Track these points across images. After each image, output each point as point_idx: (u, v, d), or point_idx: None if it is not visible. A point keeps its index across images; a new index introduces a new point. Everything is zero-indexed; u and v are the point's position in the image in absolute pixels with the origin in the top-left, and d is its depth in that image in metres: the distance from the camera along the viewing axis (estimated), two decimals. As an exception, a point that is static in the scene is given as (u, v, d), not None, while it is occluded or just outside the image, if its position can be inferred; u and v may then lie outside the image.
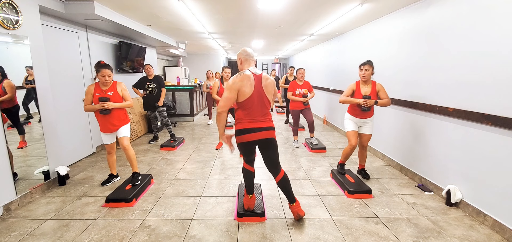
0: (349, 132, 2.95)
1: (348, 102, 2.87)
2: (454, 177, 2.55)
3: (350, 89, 2.91)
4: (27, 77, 2.72)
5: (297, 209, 2.21)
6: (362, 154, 3.08)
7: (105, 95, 2.68)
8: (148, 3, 3.40)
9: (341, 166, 3.13)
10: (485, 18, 2.20)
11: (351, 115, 2.97)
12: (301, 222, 2.25)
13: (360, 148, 3.07)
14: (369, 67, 2.81)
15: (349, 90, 2.91)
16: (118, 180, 3.11)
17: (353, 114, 2.94)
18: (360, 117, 2.91)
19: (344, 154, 3.03)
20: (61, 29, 3.54)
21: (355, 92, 2.89)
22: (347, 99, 2.86)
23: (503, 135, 2.05)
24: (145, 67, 4.54)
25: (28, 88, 2.74)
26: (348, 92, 2.91)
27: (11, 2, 2.46)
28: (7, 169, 2.44)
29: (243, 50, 2.20)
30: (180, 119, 6.98)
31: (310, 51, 8.46)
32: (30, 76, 2.72)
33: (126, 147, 2.78)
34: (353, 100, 2.82)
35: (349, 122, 2.99)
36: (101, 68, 2.64)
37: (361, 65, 2.87)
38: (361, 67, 2.85)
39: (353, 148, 2.91)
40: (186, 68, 9.98)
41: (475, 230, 2.13)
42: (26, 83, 2.72)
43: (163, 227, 2.17)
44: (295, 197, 2.23)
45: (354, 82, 2.97)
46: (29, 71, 2.71)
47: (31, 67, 2.72)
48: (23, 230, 2.14)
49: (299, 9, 3.70)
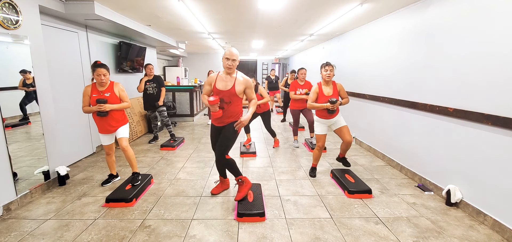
0: (319, 135, 3.07)
1: (315, 108, 2.93)
2: (454, 177, 2.55)
3: (314, 93, 2.95)
4: (24, 81, 2.67)
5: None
6: (347, 146, 3.07)
7: (102, 97, 2.63)
8: (148, 3, 3.40)
9: (313, 169, 3.28)
10: (485, 18, 2.20)
11: (320, 118, 3.03)
12: (301, 222, 2.25)
13: (344, 142, 3.04)
14: (332, 68, 2.90)
15: (314, 95, 2.95)
16: (118, 180, 3.11)
17: (322, 116, 3.00)
18: (328, 118, 2.97)
19: (315, 157, 3.22)
20: (61, 29, 3.54)
21: (319, 94, 2.94)
22: (314, 105, 2.92)
23: (503, 135, 2.05)
24: (147, 67, 4.54)
25: (27, 91, 2.71)
26: (313, 97, 2.95)
27: (11, 2, 2.46)
28: (7, 169, 2.44)
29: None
30: (180, 119, 6.99)
31: (310, 51, 8.46)
32: (28, 80, 2.68)
33: (125, 148, 2.76)
34: (321, 106, 2.88)
35: (318, 125, 3.08)
36: (96, 67, 2.60)
37: (325, 66, 2.92)
38: (326, 67, 2.90)
39: (321, 149, 3.12)
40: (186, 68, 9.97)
41: (475, 230, 2.13)
42: (24, 86, 2.68)
43: (163, 227, 2.17)
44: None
45: (316, 85, 2.99)
46: (25, 75, 2.66)
47: (26, 72, 2.66)
48: (23, 230, 2.14)
49: (299, 9, 3.70)
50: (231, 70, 2.38)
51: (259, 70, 13.61)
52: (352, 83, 4.84)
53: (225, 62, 2.35)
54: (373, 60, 4.15)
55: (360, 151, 4.34)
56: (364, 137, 4.51)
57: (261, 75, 13.62)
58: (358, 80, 4.68)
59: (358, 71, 4.68)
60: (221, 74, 2.44)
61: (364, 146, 4.46)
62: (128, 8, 3.62)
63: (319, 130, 3.07)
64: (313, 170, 3.28)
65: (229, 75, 2.41)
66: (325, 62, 2.95)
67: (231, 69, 2.37)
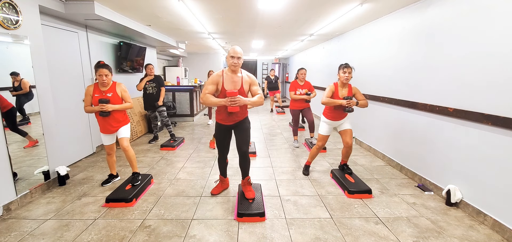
0: (322, 135, 3.05)
1: (331, 103, 2.82)
2: (454, 177, 2.55)
3: (330, 91, 2.86)
4: (14, 83, 2.62)
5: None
6: (347, 151, 3.02)
7: (104, 97, 2.64)
8: (148, 3, 3.40)
9: (306, 167, 3.28)
10: (485, 18, 2.20)
11: (327, 119, 2.97)
12: (301, 222, 2.25)
13: (345, 146, 3.01)
14: (351, 70, 2.80)
15: (329, 92, 2.86)
16: (118, 180, 3.11)
17: (330, 117, 2.94)
18: (336, 119, 2.94)
19: (311, 154, 3.20)
20: (61, 29, 3.54)
21: (334, 95, 2.86)
22: (330, 101, 2.81)
23: (503, 135, 2.05)
24: (148, 67, 4.54)
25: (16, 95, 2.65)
26: (329, 94, 2.85)
27: (11, 2, 2.46)
28: (7, 169, 2.44)
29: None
30: (180, 119, 6.98)
31: (310, 51, 8.46)
32: (16, 82, 2.63)
33: (126, 148, 2.76)
34: (337, 102, 2.78)
35: (324, 125, 3.03)
36: (98, 67, 2.60)
37: (344, 68, 2.80)
38: (345, 69, 2.79)
39: (319, 148, 3.13)
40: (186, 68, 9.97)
41: (475, 230, 2.13)
42: (12, 90, 2.61)
43: (163, 227, 2.17)
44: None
45: (332, 84, 2.91)
46: (16, 78, 2.61)
47: (17, 74, 2.62)
48: (23, 230, 2.14)
49: (299, 9, 3.70)
50: (237, 69, 2.34)
51: (259, 70, 13.60)
52: (352, 83, 4.82)
53: (231, 61, 2.30)
54: (373, 60, 4.15)
55: (360, 151, 4.34)
56: (364, 137, 4.51)
57: (261, 75, 13.61)
58: (358, 80, 4.66)
59: (358, 71, 4.66)
60: (226, 74, 2.37)
61: (364, 146, 4.46)
62: (128, 8, 3.62)
63: (323, 131, 3.03)
64: (307, 168, 3.28)
65: (235, 74, 2.37)
66: (344, 64, 2.83)
67: (236, 68, 2.33)
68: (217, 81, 2.35)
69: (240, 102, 2.22)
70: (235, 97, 2.20)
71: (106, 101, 2.61)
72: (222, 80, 2.34)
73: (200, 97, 2.36)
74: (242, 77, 2.40)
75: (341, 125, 2.99)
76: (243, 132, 2.49)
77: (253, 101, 2.32)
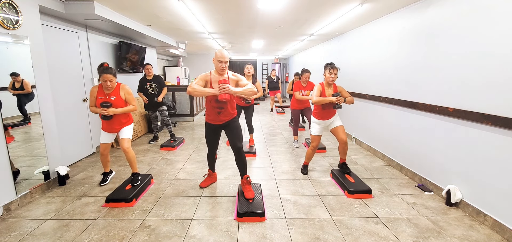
0: (315, 135, 3.12)
1: (322, 102, 2.89)
2: (454, 177, 2.55)
3: (319, 91, 2.95)
4: (14, 84, 2.61)
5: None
6: (343, 148, 3.05)
7: (107, 100, 2.63)
8: (148, 3, 3.40)
9: (304, 167, 3.34)
10: (485, 18, 2.20)
11: (317, 119, 3.06)
12: (301, 222, 2.25)
13: (340, 143, 3.03)
14: (337, 71, 2.91)
15: (318, 92, 2.95)
16: (113, 175, 3.17)
17: (320, 118, 3.03)
18: (326, 119, 3.01)
19: (308, 155, 3.26)
20: (61, 29, 3.54)
21: (322, 94, 2.96)
22: (321, 99, 2.89)
23: (503, 135, 2.05)
24: (146, 67, 4.53)
25: (15, 94, 2.63)
26: (318, 93, 2.94)
27: (11, 2, 2.46)
28: (7, 169, 2.44)
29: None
30: (180, 119, 6.98)
31: (310, 51, 8.46)
32: (18, 83, 2.63)
33: (126, 149, 2.75)
34: (327, 99, 2.86)
35: (315, 126, 3.11)
36: (102, 73, 2.57)
37: (330, 68, 2.89)
38: (331, 70, 2.88)
39: (315, 148, 3.16)
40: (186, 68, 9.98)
41: (475, 230, 2.13)
42: (13, 88, 2.61)
43: (163, 227, 2.17)
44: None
45: (319, 84, 2.98)
46: (16, 78, 2.61)
47: (17, 74, 2.62)
48: (23, 230, 2.14)
49: (299, 9, 3.70)
50: (224, 72, 2.47)
51: (259, 70, 13.60)
52: (352, 83, 4.84)
53: (218, 65, 2.42)
54: (373, 60, 4.15)
55: (360, 151, 4.34)
56: (364, 137, 4.51)
57: (261, 75, 13.62)
58: (358, 80, 4.68)
59: (358, 71, 4.68)
60: (214, 74, 2.48)
61: (364, 146, 4.46)
62: (128, 8, 3.62)
63: (315, 131, 3.11)
64: (305, 168, 3.34)
65: (222, 76, 2.47)
66: (330, 64, 2.91)
67: (224, 71, 2.46)
68: (206, 80, 2.48)
69: (229, 90, 2.28)
70: (225, 84, 2.26)
71: (108, 105, 2.60)
72: (210, 79, 2.47)
73: (187, 89, 2.36)
74: (229, 78, 2.50)
75: (331, 123, 3.05)
76: (234, 130, 2.60)
77: (243, 90, 2.40)
